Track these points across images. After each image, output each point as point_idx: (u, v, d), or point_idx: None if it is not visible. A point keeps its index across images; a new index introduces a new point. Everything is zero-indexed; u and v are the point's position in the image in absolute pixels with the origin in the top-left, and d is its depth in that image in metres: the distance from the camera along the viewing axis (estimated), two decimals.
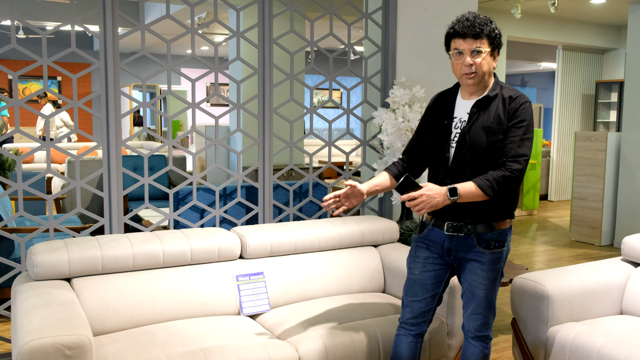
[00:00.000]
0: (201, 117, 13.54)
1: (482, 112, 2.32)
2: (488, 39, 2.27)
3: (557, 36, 9.05)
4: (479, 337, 2.45)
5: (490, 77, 2.36)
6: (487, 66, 2.30)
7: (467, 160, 2.32)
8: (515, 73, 16.36)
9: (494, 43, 2.29)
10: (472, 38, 2.26)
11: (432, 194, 2.20)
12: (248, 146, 3.75)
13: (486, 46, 2.28)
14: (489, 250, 2.34)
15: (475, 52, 2.27)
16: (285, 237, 3.17)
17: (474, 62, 2.27)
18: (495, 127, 2.28)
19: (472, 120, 2.33)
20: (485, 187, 2.22)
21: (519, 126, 2.26)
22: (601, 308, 2.96)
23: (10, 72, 3.12)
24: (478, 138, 2.30)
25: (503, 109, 2.29)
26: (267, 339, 2.60)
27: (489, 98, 2.33)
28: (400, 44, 4.13)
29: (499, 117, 2.29)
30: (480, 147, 2.29)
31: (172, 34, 9.66)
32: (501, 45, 2.32)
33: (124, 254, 2.75)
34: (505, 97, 2.31)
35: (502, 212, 2.36)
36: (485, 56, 2.28)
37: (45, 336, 2.03)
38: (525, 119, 2.27)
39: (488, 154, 2.29)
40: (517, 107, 2.27)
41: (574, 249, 6.58)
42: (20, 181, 3.18)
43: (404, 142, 3.70)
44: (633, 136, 6.39)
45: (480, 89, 2.36)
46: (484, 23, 2.27)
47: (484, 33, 2.26)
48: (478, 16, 2.29)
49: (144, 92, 3.52)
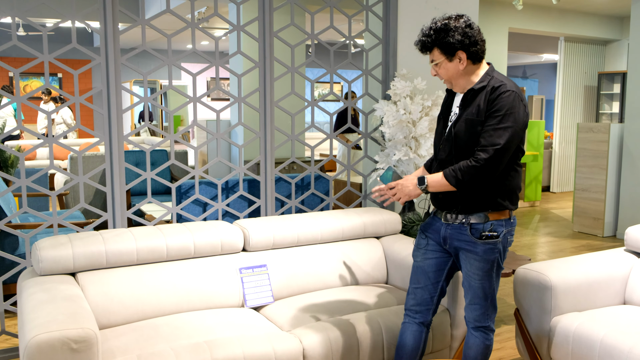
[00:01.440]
0: (202, 111, 13.53)
1: (468, 105, 2.37)
2: (439, 48, 2.34)
3: (559, 27, 9.02)
4: (479, 327, 2.47)
5: (465, 76, 2.37)
6: (449, 72, 2.37)
7: (453, 152, 2.39)
8: (517, 65, 16.32)
9: (447, 50, 2.32)
10: (426, 51, 2.40)
11: (405, 182, 2.40)
12: (249, 139, 3.75)
13: (438, 56, 2.36)
14: (481, 241, 2.36)
15: (433, 62, 2.40)
16: (287, 229, 3.18)
17: (436, 72, 2.41)
18: (475, 119, 2.32)
19: (459, 114, 2.40)
20: (449, 177, 2.30)
21: (495, 115, 2.26)
22: (604, 298, 2.96)
23: (11, 69, 3.13)
24: (461, 130, 2.36)
25: (484, 100, 2.31)
26: (271, 331, 2.61)
27: (474, 91, 2.36)
28: (401, 36, 4.13)
29: (479, 108, 2.31)
30: (462, 138, 2.35)
31: (172, 28, 9.65)
32: (464, 45, 2.30)
33: (128, 249, 2.77)
34: (490, 86, 2.32)
35: (496, 203, 2.36)
36: (442, 64, 2.37)
37: (52, 330, 2.04)
38: (502, 109, 2.25)
39: (469, 145, 2.33)
40: (495, 97, 2.28)
41: (577, 240, 6.58)
42: (24, 177, 3.19)
43: (406, 134, 3.71)
44: (636, 127, 6.38)
45: (468, 84, 2.40)
46: (431, 36, 2.33)
47: (434, 45, 2.34)
48: (431, 28, 2.34)
49: (145, 87, 3.53)
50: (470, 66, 2.35)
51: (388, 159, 3.82)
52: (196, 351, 2.35)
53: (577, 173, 6.94)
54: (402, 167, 3.77)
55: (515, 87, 2.31)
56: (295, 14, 4.19)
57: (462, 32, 2.30)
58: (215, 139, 3.61)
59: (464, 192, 2.35)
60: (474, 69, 2.37)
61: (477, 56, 2.35)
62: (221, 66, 3.61)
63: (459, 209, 2.40)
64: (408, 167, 3.73)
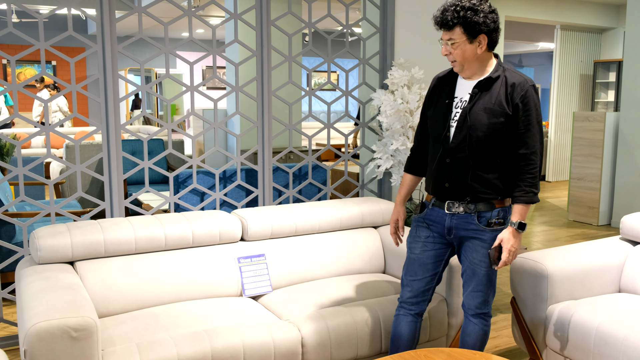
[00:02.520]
0: (198, 100, 13.49)
1: (483, 92, 2.34)
2: (462, 27, 2.27)
3: (555, 16, 9.01)
4: (479, 314, 2.49)
5: (478, 62, 2.34)
6: (466, 54, 2.31)
7: (467, 140, 2.34)
8: (513, 53, 16.30)
9: (471, 31, 2.27)
10: (445, 29, 2.31)
11: (512, 243, 2.32)
12: (247, 129, 3.75)
13: (459, 36, 2.28)
14: (490, 228, 2.38)
15: (450, 41, 2.31)
16: (285, 219, 3.19)
17: (451, 52, 2.33)
18: (497, 110, 2.30)
19: (474, 101, 2.35)
20: (532, 199, 2.33)
21: (529, 115, 2.29)
22: (600, 286, 2.99)
23: (7, 56, 3.11)
24: (479, 119, 2.32)
25: (505, 93, 2.30)
26: (270, 320, 2.63)
27: (491, 80, 2.34)
28: (399, 25, 4.12)
29: (500, 100, 2.30)
30: (480, 127, 2.31)
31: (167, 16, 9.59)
32: (488, 30, 2.27)
33: (126, 238, 2.77)
34: (509, 81, 2.31)
35: (502, 191, 2.38)
36: (461, 45, 2.30)
37: (52, 318, 2.05)
38: (532, 107, 2.30)
39: (488, 135, 2.31)
40: (523, 94, 2.29)
41: (572, 229, 6.62)
42: (21, 166, 3.19)
43: (403, 124, 3.71)
44: (631, 116, 6.40)
45: (479, 71, 2.37)
46: (457, 13, 2.26)
47: (457, 23, 2.26)
48: (457, 4, 2.27)
49: (142, 75, 3.52)
50: (485, 53, 2.33)
51: (385, 149, 3.82)
52: (195, 340, 2.36)
53: (573, 162, 6.96)
54: (399, 157, 3.77)
55: (529, 79, 2.33)
56: (292, 3, 4.17)
57: (488, 16, 2.27)
58: (212, 128, 3.60)
59: (472, 182, 2.35)
60: (487, 57, 2.36)
61: (494, 44, 2.34)
62: (218, 55, 3.60)
63: (467, 199, 2.39)
64: (405, 156, 3.73)
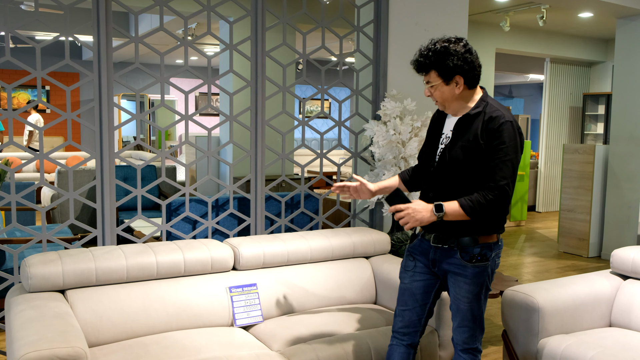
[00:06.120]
0: (190, 127, 13.52)
1: (463, 130, 2.38)
2: (436, 71, 2.32)
3: (545, 49, 9.17)
4: (467, 349, 2.48)
5: (458, 100, 2.38)
6: (444, 95, 2.36)
7: (446, 175, 2.41)
8: (503, 84, 16.51)
9: (445, 74, 2.31)
10: (423, 72, 2.38)
11: (418, 208, 2.30)
12: (240, 158, 3.77)
13: (435, 79, 2.34)
14: (471, 264, 2.38)
15: (428, 84, 2.39)
16: (278, 248, 3.19)
17: (430, 93, 2.40)
18: (472, 146, 2.33)
19: (454, 138, 2.40)
20: (466, 208, 2.27)
21: (498, 148, 2.27)
22: (591, 320, 2.99)
23: (4, 84, 3.13)
24: (457, 156, 2.36)
25: (481, 127, 2.32)
26: (261, 351, 2.61)
27: (469, 116, 2.37)
28: (392, 57, 4.18)
29: (476, 135, 2.32)
30: (458, 164, 2.36)
31: (163, 44, 9.66)
32: (463, 70, 2.31)
33: (117, 266, 2.76)
34: (487, 115, 2.32)
35: (488, 227, 2.40)
36: (438, 87, 2.35)
37: (42, 349, 2.03)
38: (504, 142, 2.26)
39: (466, 170, 2.35)
40: (495, 128, 2.28)
41: (562, 260, 6.64)
42: (14, 192, 3.18)
43: (395, 155, 3.74)
44: (620, 149, 6.48)
45: (462, 108, 2.41)
46: (429, 58, 2.31)
47: (431, 67, 2.33)
48: (430, 49, 2.32)
49: (137, 102, 3.54)
50: (466, 91, 2.36)
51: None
52: None
53: (563, 194, 7.01)
54: None
55: (510, 115, 2.32)
56: (287, 33, 4.23)
57: (461, 57, 2.30)
58: (205, 156, 3.61)
59: None
60: (469, 94, 2.38)
61: (474, 81, 2.36)
62: (213, 84, 3.64)
63: (449, 232, 2.40)
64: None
